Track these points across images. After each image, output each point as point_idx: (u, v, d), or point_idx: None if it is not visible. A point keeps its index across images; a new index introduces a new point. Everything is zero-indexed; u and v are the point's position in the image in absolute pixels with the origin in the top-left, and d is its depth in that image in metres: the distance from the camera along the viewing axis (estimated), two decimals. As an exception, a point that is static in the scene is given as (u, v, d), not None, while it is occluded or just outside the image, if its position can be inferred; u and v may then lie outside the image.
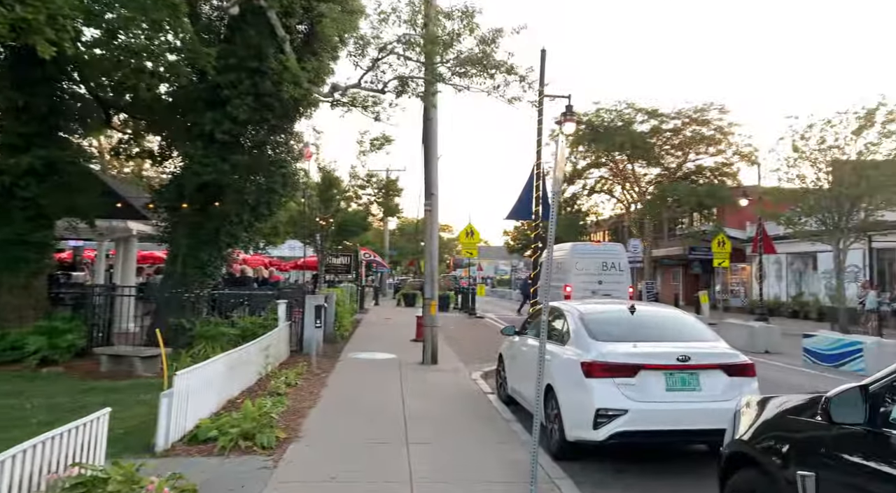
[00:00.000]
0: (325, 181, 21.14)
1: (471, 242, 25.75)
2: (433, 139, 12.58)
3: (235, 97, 11.84)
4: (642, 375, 5.86)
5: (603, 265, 20.65)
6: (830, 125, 22.39)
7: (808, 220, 23.52)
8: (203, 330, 12.04)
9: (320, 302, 11.31)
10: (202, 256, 13.43)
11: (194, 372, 6.87)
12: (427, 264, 12.60)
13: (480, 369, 11.90)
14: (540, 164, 14.42)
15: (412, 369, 11.66)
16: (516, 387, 8.40)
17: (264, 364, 10.44)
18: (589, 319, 6.82)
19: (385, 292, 49.18)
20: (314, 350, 11.14)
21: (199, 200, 13.28)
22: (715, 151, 38.24)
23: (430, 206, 12.53)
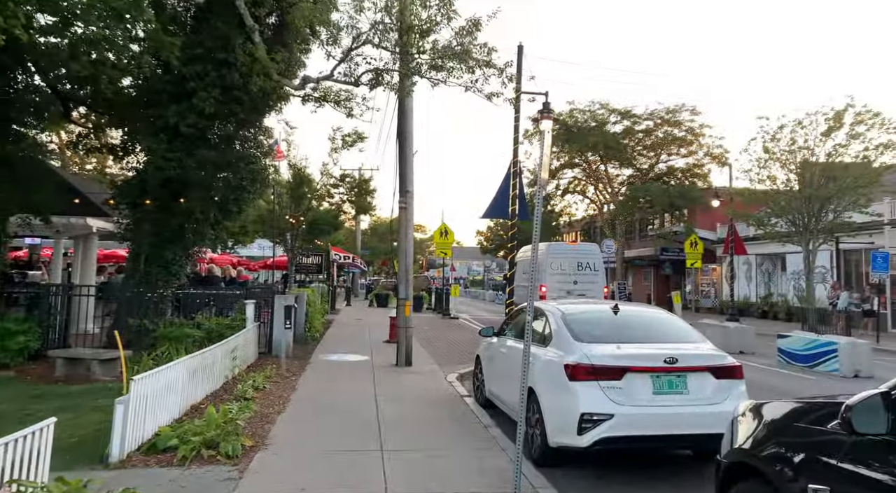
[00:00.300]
0: (297, 179, 20.64)
1: (445, 242, 25.41)
2: (408, 134, 12.24)
3: (202, 89, 11.36)
4: (628, 378, 5.62)
5: (578, 265, 20.55)
6: (801, 126, 22.63)
7: (778, 221, 23.74)
8: (167, 331, 11.55)
9: (290, 302, 10.89)
10: (166, 254, 12.91)
11: (154, 376, 6.44)
12: (401, 263, 12.26)
13: (456, 371, 11.59)
14: (517, 161, 14.18)
15: (386, 371, 11.31)
16: (495, 390, 8.12)
17: (231, 367, 10.00)
18: (571, 319, 6.56)
19: (357, 293, 48.65)
20: (284, 352, 10.72)
21: (163, 197, 12.75)
22: (686, 153, 38.59)
23: (405, 203, 12.19)
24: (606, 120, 38.34)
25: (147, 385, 6.14)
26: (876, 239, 24.84)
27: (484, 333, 8.77)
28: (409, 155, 12.27)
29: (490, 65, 10.81)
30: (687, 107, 38.04)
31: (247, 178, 12.08)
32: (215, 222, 13.68)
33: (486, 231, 65.54)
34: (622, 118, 38.39)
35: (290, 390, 9.31)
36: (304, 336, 15.22)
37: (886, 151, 22.10)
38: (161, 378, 6.69)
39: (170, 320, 12.30)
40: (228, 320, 12.21)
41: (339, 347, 14.56)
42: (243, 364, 10.90)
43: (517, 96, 13.73)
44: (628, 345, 6.05)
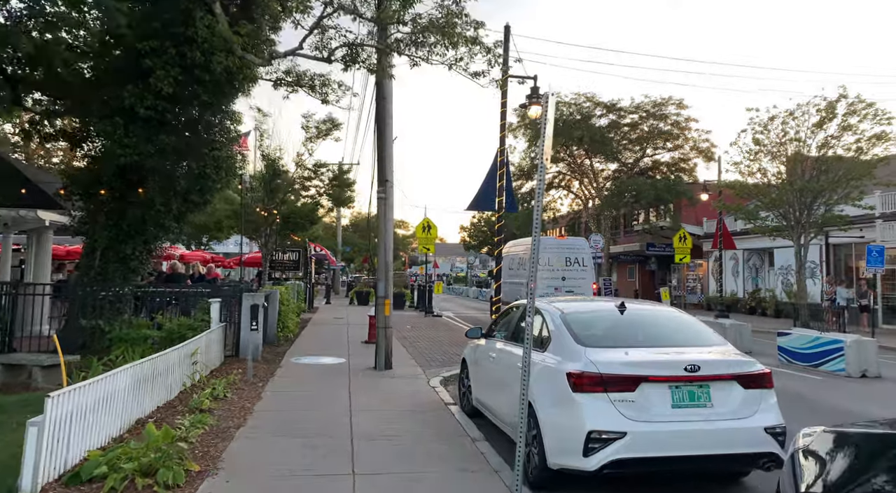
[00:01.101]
0: (270, 170, 19.57)
1: (428, 238, 24.52)
2: (387, 120, 11.31)
3: (160, 68, 10.33)
4: (643, 389, 4.77)
5: (566, 261, 19.75)
6: (792, 117, 22.05)
7: (769, 214, 23.16)
8: (122, 333, 10.55)
9: (257, 301, 9.93)
10: (124, 248, 11.89)
11: (85, 389, 5.47)
12: (380, 258, 11.34)
13: (440, 375, 10.71)
14: (504, 150, 13.31)
15: (363, 376, 10.40)
16: (483, 399, 7.25)
17: (191, 373, 9.03)
18: (572, 319, 5.70)
19: (338, 290, 47.58)
20: (251, 355, 9.76)
21: (120, 186, 11.73)
22: (672, 146, 38.04)
23: (384, 193, 11.26)
24: (592, 113, 37.67)
25: (73, 401, 5.18)
26: (867, 233, 24.39)
27: (471, 334, 7.89)
28: (388, 142, 11.34)
29: (476, 41, 9.91)
30: (673, 100, 37.45)
31: (210, 165, 11.08)
32: (179, 214, 12.66)
33: (470, 227, 64.51)
34: (608, 111, 37.74)
35: (255, 399, 8.36)
36: (276, 337, 14.25)
37: (879, 143, 21.61)
38: (97, 391, 5.72)
39: (129, 320, 11.30)
40: (190, 320, 11.22)
41: (313, 348, 13.60)
42: (206, 369, 9.93)
43: (504, 79, 12.86)
44: (640, 350, 5.20)
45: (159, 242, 12.62)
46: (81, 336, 11.20)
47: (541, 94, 13.58)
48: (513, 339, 6.59)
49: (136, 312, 12.30)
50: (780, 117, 22.47)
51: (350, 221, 57.39)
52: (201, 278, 16.18)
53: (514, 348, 6.31)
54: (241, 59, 9.85)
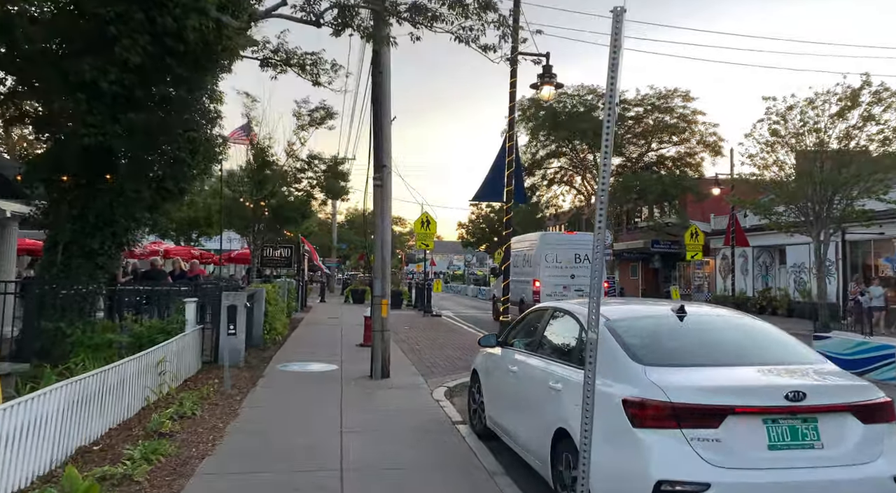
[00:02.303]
0: (259, 160, 18.29)
1: (427, 233, 23.29)
2: (385, 96, 10.07)
3: (126, 36, 9.03)
4: (731, 424, 3.55)
5: (575, 257, 18.57)
6: (812, 106, 20.85)
7: (786, 210, 21.96)
8: (84, 337, 9.33)
9: (235, 301, 8.70)
10: (90, 243, 10.59)
11: None
12: (377, 253, 10.10)
13: (444, 384, 9.49)
14: (513, 134, 12.07)
15: (358, 386, 9.16)
16: (500, 420, 6.02)
17: (157, 385, 7.81)
18: (623, 328, 4.47)
19: (333, 288, 46.33)
20: (227, 364, 8.51)
21: (85, 173, 10.44)
22: (678, 140, 36.87)
23: (381, 180, 10.02)
24: (595, 106, 36.46)
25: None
26: (887, 229, 23.23)
27: (484, 342, 6.64)
28: (385, 121, 10.10)
29: (489, 7, 8.66)
30: (679, 92, 36.31)
31: (185, 148, 9.81)
32: (153, 205, 11.40)
33: (468, 224, 63.19)
34: (612, 104, 36.52)
35: (229, 416, 7.12)
36: (262, 340, 13.00)
37: (904, 134, 20.45)
38: (15, 417, 4.49)
39: (94, 323, 10.07)
40: (163, 322, 9.98)
41: (303, 352, 12.36)
42: (178, 380, 8.70)
43: (514, 57, 11.61)
44: (717, 369, 3.99)
45: (131, 235, 11.33)
46: (40, 340, 9.96)
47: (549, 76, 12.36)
48: (539, 350, 5.37)
49: (111, 313, 11.07)
50: (798, 107, 21.30)
51: (346, 217, 56.06)
52: (182, 275, 14.92)
53: (543, 362, 5.10)
54: (217, 21, 8.59)
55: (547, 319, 5.49)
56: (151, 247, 23.73)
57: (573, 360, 4.64)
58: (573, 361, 4.63)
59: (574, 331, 4.86)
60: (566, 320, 5.13)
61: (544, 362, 5.06)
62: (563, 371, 4.64)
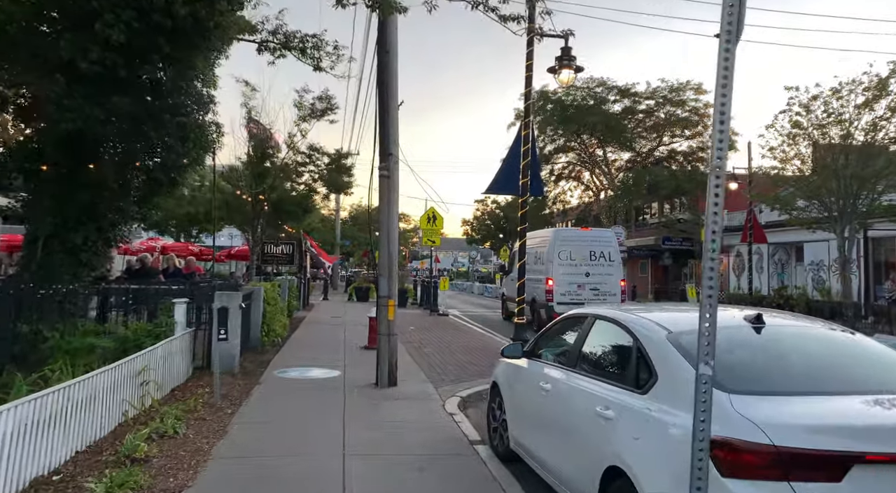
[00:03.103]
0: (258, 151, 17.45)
1: (433, 229, 22.43)
2: (392, 78, 9.21)
3: (108, 10, 8.23)
4: (859, 476, 2.69)
5: (591, 254, 17.68)
6: (837, 96, 19.89)
7: (808, 205, 21.02)
8: (62, 342, 8.49)
9: (227, 303, 7.88)
10: (73, 237, 9.81)
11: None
12: (383, 250, 9.24)
13: (457, 393, 8.65)
14: (529, 122, 11.19)
15: (362, 396, 8.32)
16: (529, 444, 5.18)
17: (138, 397, 6.99)
18: (692, 343, 3.60)
19: (336, 286, 45.55)
20: (217, 372, 7.68)
21: (67, 161, 9.65)
22: (690, 134, 35.90)
23: (388, 170, 9.17)
24: (605, 99, 35.54)
25: None
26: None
27: (509, 352, 5.77)
28: (392, 106, 9.25)
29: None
30: (692, 85, 35.32)
31: (174, 135, 8.97)
32: (143, 197, 10.59)
33: (473, 220, 62.29)
34: (622, 96, 35.60)
35: (217, 434, 6.29)
36: (260, 342, 12.19)
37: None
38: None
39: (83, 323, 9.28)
40: (151, 325, 9.17)
41: (304, 356, 11.54)
42: (164, 389, 7.89)
43: (530, 37, 10.74)
44: (823, 399, 3.13)
45: (119, 230, 10.52)
46: (18, 343, 9.15)
47: (568, 58, 11.47)
48: (579, 365, 4.51)
49: (102, 315, 10.25)
50: (822, 97, 20.35)
51: (349, 214, 55.23)
52: (177, 274, 14.09)
53: (585, 382, 4.25)
54: (206, -8, 7.74)
55: (587, 328, 4.63)
56: (148, 244, 22.97)
57: (627, 381, 3.79)
58: (627, 382, 3.78)
59: (625, 345, 4.00)
60: (613, 330, 4.27)
61: (587, 380, 4.21)
62: (615, 395, 3.79)
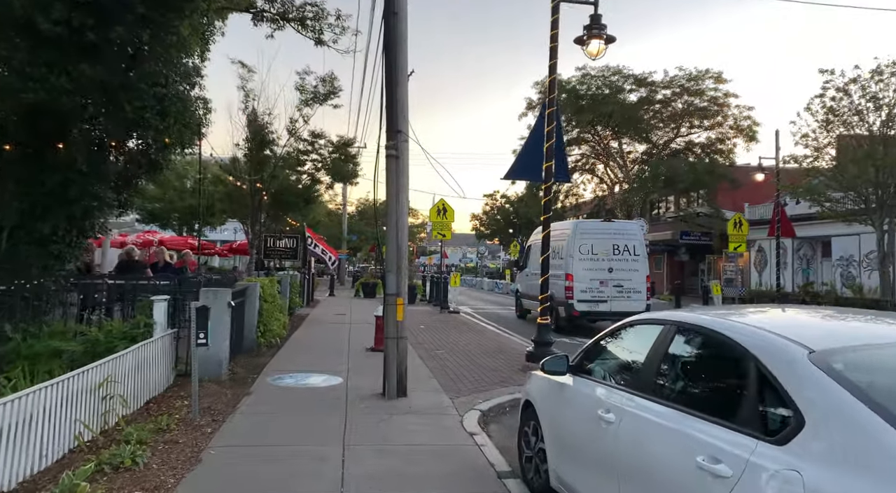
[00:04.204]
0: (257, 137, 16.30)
1: (443, 222, 21.25)
2: (401, 43, 8.03)
3: (72, -40, 7.12)
4: None
5: (614, 248, 16.44)
6: (877, 79, 18.55)
7: (843, 196, 19.71)
8: (22, 345, 7.42)
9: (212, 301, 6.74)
10: (41, 227, 8.73)
11: None
12: (391, 242, 8.07)
13: (475, 406, 7.50)
14: (554, 98, 9.97)
15: (367, 409, 7.17)
16: (581, 486, 4.00)
17: (101, 413, 5.86)
18: (856, 369, 2.41)
19: (344, 281, 44.52)
20: (195, 383, 6.53)
21: (32, 140, 8.53)
22: (711, 124, 34.50)
23: (396, 150, 7.99)
24: (621, 88, 34.23)
25: None
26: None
27: (550, 366, 4.55)
28: (400, 78, 8.06)
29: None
30: (711, 73, 33.92)
31: (151, 109, 7.82)
32: (122, 181, 9.46)
33: (482, 215, 61.03)
34: (639, 86, 34.28)
35: (190, 462, 5.14)
36: (256, 343, 11.07)
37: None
38: None
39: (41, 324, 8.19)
40: (127, 326, 8.06)
41: (303, 359, 10.41)
42: (137, 401, 6.77)
43: (555, 3, 9.53)
44: None
45: (96, 218, 9.39)
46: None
47: (597, 27, 10.24)
48: (660, 393, 3.32)
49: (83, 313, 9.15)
50: (860, 81, 19.02)
51: (356, 208, 54.09)
52: (167, 268, 12.96)
53: (674, 417, 3.05)
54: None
55: (665, 340, 3.44)
56: (144, 237, 21.92)
57: (747, 422, 2.61)
58: (747, 424, 2.59)
59: (737, 367, 2.81)
60: (712, 344, 3.09)
61: (677, 415, 3.02)
62: (728, 442, 2.61)
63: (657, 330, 3.60)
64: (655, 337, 3.55)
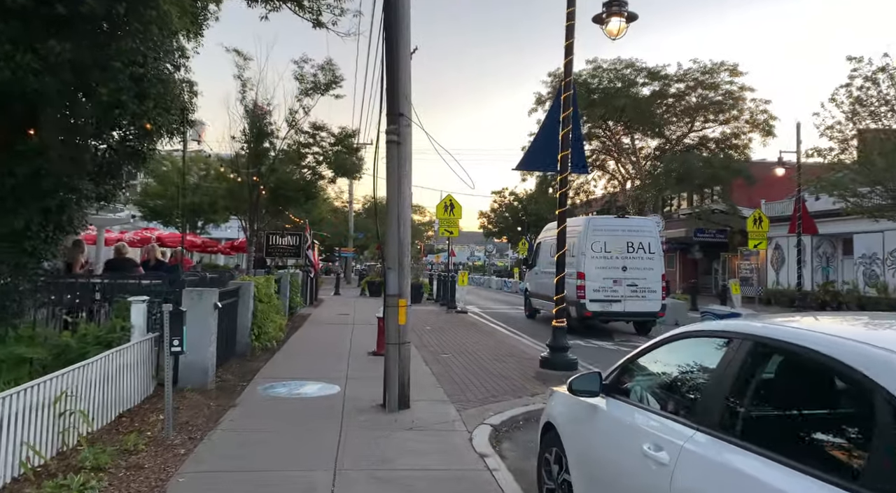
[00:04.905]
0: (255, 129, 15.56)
1: (451, 219, 20.52)
2: (402, 19, 7.25)
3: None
4: None
5: (628, 246, 15.63)
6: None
7: (871, 190, 18.77)
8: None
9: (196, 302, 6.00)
10: (13, 221, 7.98)
11: None
12: (391, 236, 7.30)
13: (486, 419, 6.72)
14: (569, 81, 9.16)
15: (365, 424, 6.40)
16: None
17: (59, 431, 5.12)
18: None
19: (350, 280, 43.89)
20: (169, 398, 5.77)
21: (1, 127, 7.81)
22: (726, 118, 33.51)
23: (397, 135, 7.22)
24: (634, 81, 33.31)
25: None
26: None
27: (579, 387, 3.73)
28: (402, 55, 7.28)
29: None
30: (726, 66, 32.94)
31: (128, 89, 7.07)
32: (100, 172, 8.72)
33: (490, 212, 60.15)
34: (652, 79, 33.35)
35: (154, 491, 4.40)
36: (250, 347, 10.33)
37: None
38: None
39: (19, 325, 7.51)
40: (105, 328, 7.34)
41: (299, 364, 9.67)
42: (105, 416, 6.03)
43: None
44: None
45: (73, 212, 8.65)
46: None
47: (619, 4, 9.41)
48: (735, 430, 2.53)
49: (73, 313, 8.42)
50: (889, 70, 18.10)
51: (363, 205, 53.40)
52: (159, 266, 12.24)
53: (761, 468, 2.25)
54: None
55: (740, 361, 2.64)
56: (142, 234, 21.28)
57: (828, 464, 1.82)
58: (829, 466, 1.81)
59: (869, 408, 2.01)
60: (821, 373, 2.28)
61: (768, 466, 2.22)
62: None
63: (721, 345, 2.81)
64: (722, 355, 2.75)
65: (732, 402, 2.59)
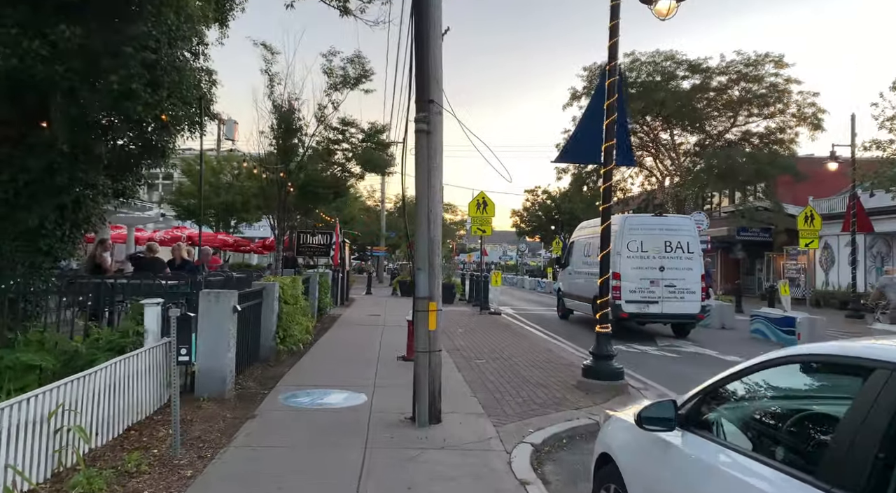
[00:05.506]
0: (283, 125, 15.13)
1: (483, 217, 19.84)
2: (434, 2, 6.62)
3: None
4: None
5: (666, 245, 14.77)
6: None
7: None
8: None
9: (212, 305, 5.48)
10: (27, 218, 7.64)
11: None
12: (421, 234, 6.69)
13: (527, 438, 6.06)
14: (616, 66, 8.44)
15: (391, 441, 5.80)
16: None
17: (53, 451, 4.65)
18: None
19: (382, 279, 43.55)
20: (177, 409, 5.25)
21: (11, 117, 7.44)
22: (771, 112, 32.08)
23: (427, 123, 6.61)
24: (674, 74, 32.12)
25: None
26: None
27: (649, 418, 3.09)
28: (432, 36, 6.67)
29: None
30: (771, 57, 31.50)
31: (139, 76, 6.60)
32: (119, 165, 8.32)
33: (522, 211, 59.13)
34: (692, 72, 32.10)
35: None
36: (273, 351, 9.85)
37: None
38: None
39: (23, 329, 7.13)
40: (118, 333, 6.90)
41: (324, 371, 9.13)
42: (111, 431, 5.56)
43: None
44: None
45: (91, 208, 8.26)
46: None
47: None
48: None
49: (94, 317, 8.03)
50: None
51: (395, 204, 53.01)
52: (185, 266, 11.88)
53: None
54: None
55: (890, 400, 1.95)
56: (173, 233, 21.12)
57: None
58: None
59: None
60: None
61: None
62: None
63: (854, 374, 2.11)
64: (860, 389, 2.06)
65: (886, 460, 1.90)
